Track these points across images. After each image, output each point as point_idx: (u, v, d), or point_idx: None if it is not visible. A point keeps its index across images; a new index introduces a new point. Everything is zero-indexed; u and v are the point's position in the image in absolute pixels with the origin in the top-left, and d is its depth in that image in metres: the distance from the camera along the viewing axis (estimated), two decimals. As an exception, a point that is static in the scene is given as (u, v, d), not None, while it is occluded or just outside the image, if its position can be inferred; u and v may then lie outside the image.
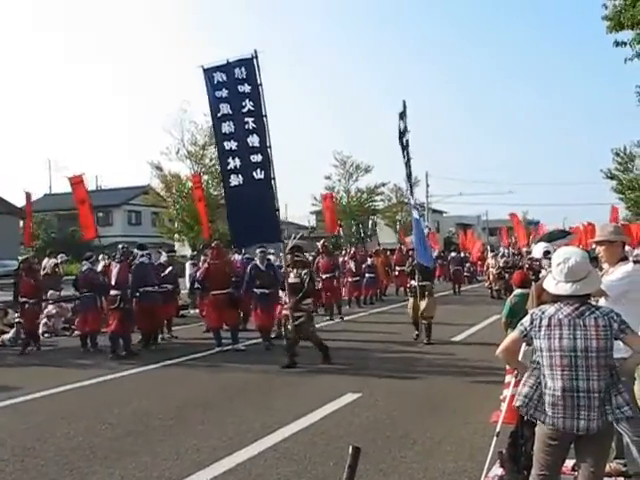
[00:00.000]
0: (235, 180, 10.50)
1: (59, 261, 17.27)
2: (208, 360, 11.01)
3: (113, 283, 11.97)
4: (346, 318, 17.07)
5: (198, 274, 13.59)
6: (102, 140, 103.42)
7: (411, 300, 12.75)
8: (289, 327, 10.36)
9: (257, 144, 10.30)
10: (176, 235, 33.66)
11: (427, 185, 53.96)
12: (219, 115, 10.50)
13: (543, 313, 3.66)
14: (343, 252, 27.36)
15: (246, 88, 10.26)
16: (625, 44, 14.08)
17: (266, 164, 10.32)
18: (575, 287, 3.60)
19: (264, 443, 6.28)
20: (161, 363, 10.71)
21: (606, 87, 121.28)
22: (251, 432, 6.63)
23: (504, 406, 5.07)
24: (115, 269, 12.18)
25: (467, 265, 32.53)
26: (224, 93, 10.37)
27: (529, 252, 19.09)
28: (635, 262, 5.56)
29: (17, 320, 13.29)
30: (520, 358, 4.19)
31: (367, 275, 21.55)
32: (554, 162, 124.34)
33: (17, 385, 9.20)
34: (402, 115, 12.14)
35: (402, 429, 6.69)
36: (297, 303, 10.22)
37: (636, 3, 13.62)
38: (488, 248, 32.14)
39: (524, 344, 4.00)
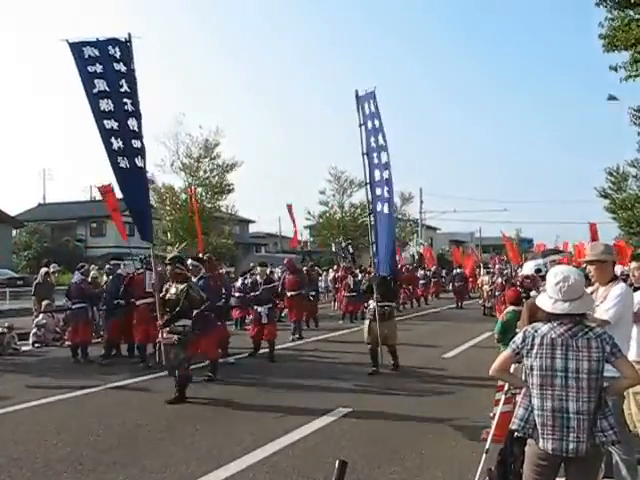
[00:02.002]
0: (122, 162, 9.60)
1: (51, 270, 17.20)
2: (198, 373, 10.96)
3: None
4: (339, 333, 17.05)
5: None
6: (96, 150, 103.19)
7: (367, 323, 11.15)
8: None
9: (136, 129, 9.57)
10: (169, 247, 33.63)
11: (421, 202, 54.19)
12: (95, 91, 9.53)
13: (536, 332, 3.65)
14: (335, 267, 27.42)
15: (122, 67, 9.52)
16: (620, 67, 14.25)
17: (144, 152, 9.64)
18: (572, 306, 3.60)
19: (253, 457, 6.26)
20: (151, 375, 10.66)
21: (600, 106, 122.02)
22: (240, 446, 6.60)
23: (494, 423, 5.08)
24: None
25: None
26: (98, 68, 9.51)
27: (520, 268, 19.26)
28: (624, 280, 5.61)
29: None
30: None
31: (360, 291, 21.53)
32: (548, 180, 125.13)
33: (6, 395, 9.14)
34: (358, 108, 11.40)
35: (392, 445, 6.68)
36: (169, 323, 8.83)
37: (630, 24, 13.81)
38: (481, 265, 32.20)
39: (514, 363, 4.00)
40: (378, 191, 11.23)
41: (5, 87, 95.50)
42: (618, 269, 10.70)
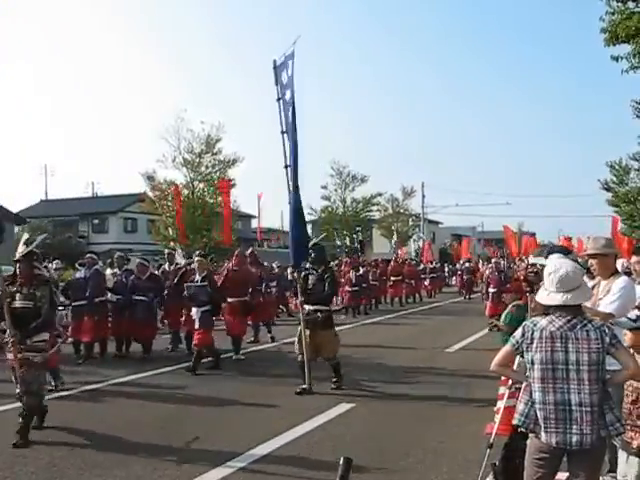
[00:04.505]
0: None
1: (54, 267, 17.17)
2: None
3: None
4: (341, 328, 17.01)
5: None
6: (99, 146, 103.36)
7: (299, 329, 9.18)
8: None
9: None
10: (171, 243, 33.69)
11: (423, 196, 54.10)
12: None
13: (535, 325, 3.65)
14: (337, 262, 27.48)
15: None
16: (622, 58, 14.20)
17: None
18: (566, 297, 3.60)
19: (256, 453, 6.25)
20: (155, 371, 10.67)
21: (602, 99, 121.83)
22: (243, 441, 6.59)
23: (498, 418, 5.06)
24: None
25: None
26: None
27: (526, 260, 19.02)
28: (626, 273, 5.60)
29: None
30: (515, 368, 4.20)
31: (362, 285, 21.60)
32: (550, 174, 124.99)
33: (8, 392, 9.10)
34: (276, 81, 9.61)
35: (395, 440, 6.67)
36: (26, 338, 6.89)
37: (632, 16, 13.77)
38: (480, 258, 32.25)
39: (518, 356, 4.00)
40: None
41: (6, 85, 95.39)
42: (620, 263, 10.67)
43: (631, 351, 4.22)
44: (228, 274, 12.55)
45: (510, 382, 4.96)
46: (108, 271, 14.79)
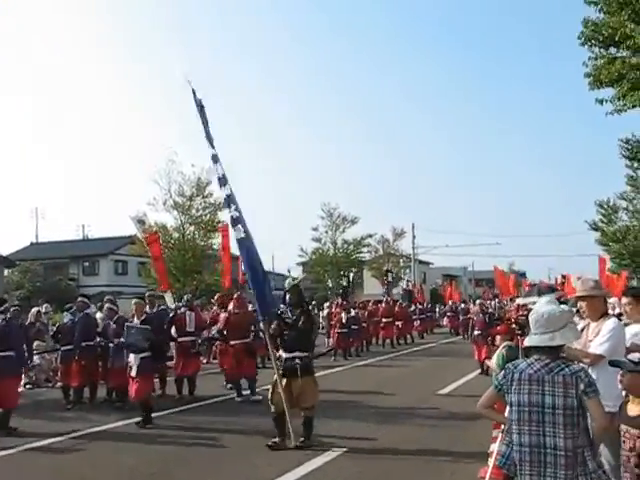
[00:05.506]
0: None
1: (43, 310, 17.09)
2: (192, 413, 10.85)
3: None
4: (331, 371, 16.93)
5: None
6: (89, 189, 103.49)
7: (274, 378, 8.41)
8: None
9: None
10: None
11: (413, 236, 54.27)
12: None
13: (515, 368, 3.70)
14: (328, 304, 27.45)
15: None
16: (606, 101, 14.51)
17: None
18: (542, 338, 3.65)
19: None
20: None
21: (589, 139, 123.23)
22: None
23: (491, 461, 5.06)
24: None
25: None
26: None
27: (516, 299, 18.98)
28: (616, 316, 5.64)
29: None
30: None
31: (352, 327, 21.54)
32: (539, 213, 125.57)
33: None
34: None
35: (388, 485, 6.61)
36: None
37: (613, 61, 14.12)
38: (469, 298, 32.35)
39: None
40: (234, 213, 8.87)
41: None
42: (611, 303, 10.73)
43: (623, 393, 4.23)
44: (229, 317, 12.60)
45: (503, 425, 4.97)
46: (98, 315, 14.70)
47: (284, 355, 8.39)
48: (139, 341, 10.14)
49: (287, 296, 8.87)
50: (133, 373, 9.99)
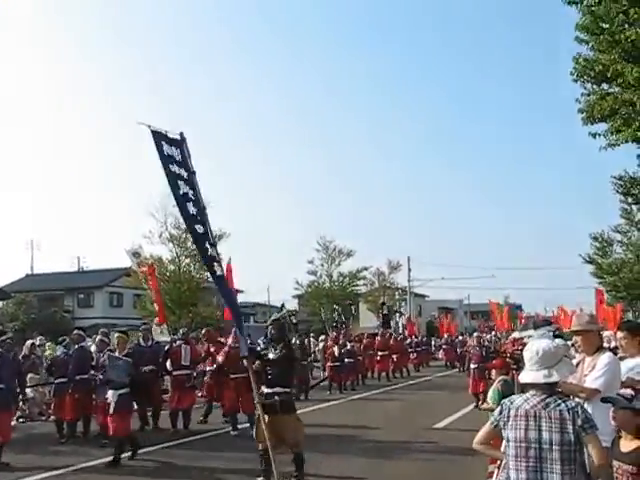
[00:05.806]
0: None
1: (37, 343, 17.01)
2: (187, 447, 10.76)
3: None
4: (326, 405, 16.82)
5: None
6: (85, 221, 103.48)
7: (257, 415, 8.07)
8: None
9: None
10: (156, 318, 33.43)
11: (409, 269, 54.37)
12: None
13: (512, 404, 3.71)
14: (323, 337, 27.42)
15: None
16: (599, 135, 14.68)
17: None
18: (537, 375, 3.66)
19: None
20: (140, 450, 10.47)
21: (584, 174, 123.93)
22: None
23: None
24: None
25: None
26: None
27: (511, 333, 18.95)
28: (611, 350, 5.66)
29: None
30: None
31: (346, 360, 21.47)
32: (535, 246, 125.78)
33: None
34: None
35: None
36: None
37: (606, 97, 14.32)
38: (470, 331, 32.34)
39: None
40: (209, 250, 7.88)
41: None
42: (606, 337, 10.74)
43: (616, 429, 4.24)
44: (229, 351, 12.57)
45: (499, 461, 4.96)
46: (93, 348, 14.63)
47: (265, 390, 8.13)
48: (120, 377, 9.92)
49: (269, 330, 8.78)
50: (111, 410, 9.77)
